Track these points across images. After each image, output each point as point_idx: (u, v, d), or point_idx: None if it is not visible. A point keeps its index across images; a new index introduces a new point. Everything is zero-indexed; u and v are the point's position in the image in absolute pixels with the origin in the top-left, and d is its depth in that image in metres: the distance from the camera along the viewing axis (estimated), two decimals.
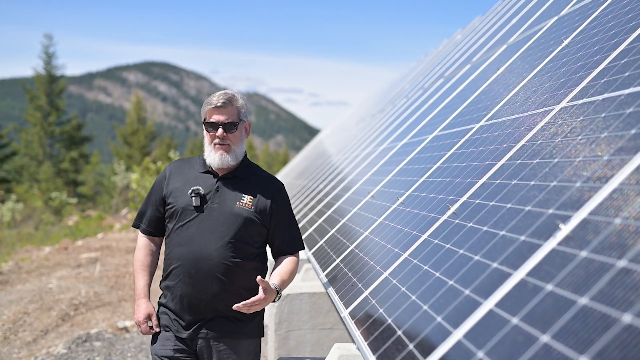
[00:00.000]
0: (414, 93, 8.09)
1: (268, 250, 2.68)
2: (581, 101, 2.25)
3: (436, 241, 2.31)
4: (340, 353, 2.31)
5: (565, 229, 1.52)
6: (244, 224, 2.48)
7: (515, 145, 2.44)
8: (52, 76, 39.22)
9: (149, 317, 2.57)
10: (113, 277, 8.53)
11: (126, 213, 20.67)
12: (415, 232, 2.63)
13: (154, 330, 2.57)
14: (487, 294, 1.60)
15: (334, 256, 3.57)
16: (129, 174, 25.57)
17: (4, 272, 9.00)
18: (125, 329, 6.02)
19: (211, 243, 2.44)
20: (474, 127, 3.37)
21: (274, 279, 2.53)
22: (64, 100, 40.76)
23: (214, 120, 2.51)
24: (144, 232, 2.68)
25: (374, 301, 2.34)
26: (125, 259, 10.11)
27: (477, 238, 1.97)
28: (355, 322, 2.33)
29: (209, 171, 2.58)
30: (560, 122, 2.25)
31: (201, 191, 2.50)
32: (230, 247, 2.45)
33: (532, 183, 1.96)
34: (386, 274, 2.49)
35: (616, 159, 1.61)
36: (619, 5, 2.90)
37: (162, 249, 2.69)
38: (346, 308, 2.56)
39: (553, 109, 2.45)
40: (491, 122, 3.14)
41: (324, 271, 3.50)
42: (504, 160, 2.41)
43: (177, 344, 2.49)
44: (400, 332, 1.88)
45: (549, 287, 1.37)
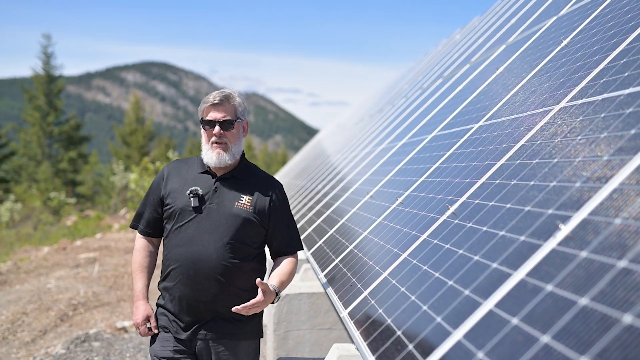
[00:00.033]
0: (413, 93, 8.09)
1: (267, 250, 2.67)
2: (581, 101, 2.25)
3: (435, 241, 2.30)
4: (340, 353, 2.30)
5: (565, 229, 1.52)
6: (242, 224, 2.47)
7: (515, 146, 2.44)
8: (51, 76, 39.19)
9: (147, 319, 2.56)
10: (112, 277, 8.52)
11: (125, 213, 20.66)
12: (414, 232, 2.63)
13: (152, 332, 2.56)
14: (487, 294, 1.59)
15: (333, 256, 3.56)
16: (128, 174, 25.56)
17: (2, 272, 8.99)
18: (124, 329, 6.01)
19: (210, 244, 2.43)
20: (473, 127, 3.36)
21: (272, 280, 2.52)
22: (63, 100, 40.72)
23: (210, 118, 2.49)
24: (142, 233, 2.67)
25: (373, 301, 2.33)
26: (123, 259, 10.09)
27: (477, 238, 1.97)
28: (354, 322, 2.32)
29: (207, 171, 2.56)
30: (559, 122, 2.24)
31: (199, 192, 2.48)
32: (229, 248, 2.44)
33: (532, 183, 1.95)
34: (385, 274, 2.49)
35: (616, 159, 1.60)
36: (618, 5, 2.90)
37: (160, 249, 2.68)
38: (345, 308, 2.55)
39: (552, 109, 2.45)
40: (490, 122, 3.14)
41: (323, 271, 3.49)
42: (503, 161, 2.41)
43: (176, 345, 2.48)
44: (399, 332, 1.88)
45: (549, 288, 1.36)
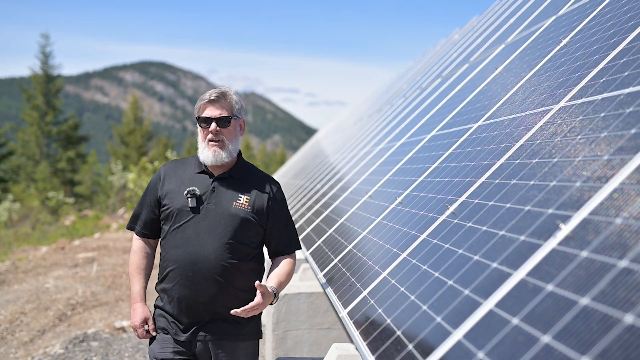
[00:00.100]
0: (412, 93, 8.09)
1: (265, 250, 2.67)
2: (580, 101, 2.24)
3: (435, 241, 2.30)
4: (339, 353, 2.30)
5: (565, 229, 1.51)
6: (240, 224, 2.46)
7: (514, 145, 2.44)
8: (49, 76, 39.16)
9: (145, 322, 2.54)
10: (110, 276, 8.51)
11: (123, 213, 20.64)
12: (413, 232, 2.62)
13: (150, 335, 2.55)
14: (487, 294, 1.59)
15: (332, 256, 3.56)
16: (126, 173, 25.55)
17: (0, 272, 8.97)
18: (123, 329, 6.00)
19: (208, 244, 2.42)
20: (472, 127, 3.36)
21: (271, 281, 2.51)
22: (61, 99, 40.73)
23: (207, 115, 2.47)
24: (139, 235, 2.64)
25: (372, 301, 2.33)
26: (122, 258, 10.08)
27: (477, 238, 1.96)
28: (353, 322, 2.31)
29: (204, 171, 2.55)
30: (559, 122, 2.24)
31: (197, 192, 2.46)
32: (228, 248, 2.42)
33: (532, 183, 1.95)
34: (385, 274, 2.48)
35: (616, 159, 1.60)
36: (618, 4, 2.89)
37: (158, 250, 2.67)
38: (344, 308, 2.55)
39: (552, 109, 2.44)
40: (489, 121, 3.14)
41: (322, 271, 3.48)
42: (502, 160, 2.40)
43: (176, 346, 2.47)
44: (399, 332, 1.87)
45: (550, 288, 1.36)
